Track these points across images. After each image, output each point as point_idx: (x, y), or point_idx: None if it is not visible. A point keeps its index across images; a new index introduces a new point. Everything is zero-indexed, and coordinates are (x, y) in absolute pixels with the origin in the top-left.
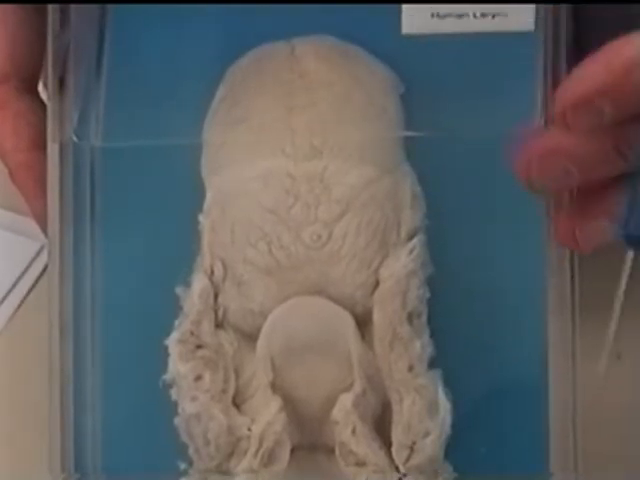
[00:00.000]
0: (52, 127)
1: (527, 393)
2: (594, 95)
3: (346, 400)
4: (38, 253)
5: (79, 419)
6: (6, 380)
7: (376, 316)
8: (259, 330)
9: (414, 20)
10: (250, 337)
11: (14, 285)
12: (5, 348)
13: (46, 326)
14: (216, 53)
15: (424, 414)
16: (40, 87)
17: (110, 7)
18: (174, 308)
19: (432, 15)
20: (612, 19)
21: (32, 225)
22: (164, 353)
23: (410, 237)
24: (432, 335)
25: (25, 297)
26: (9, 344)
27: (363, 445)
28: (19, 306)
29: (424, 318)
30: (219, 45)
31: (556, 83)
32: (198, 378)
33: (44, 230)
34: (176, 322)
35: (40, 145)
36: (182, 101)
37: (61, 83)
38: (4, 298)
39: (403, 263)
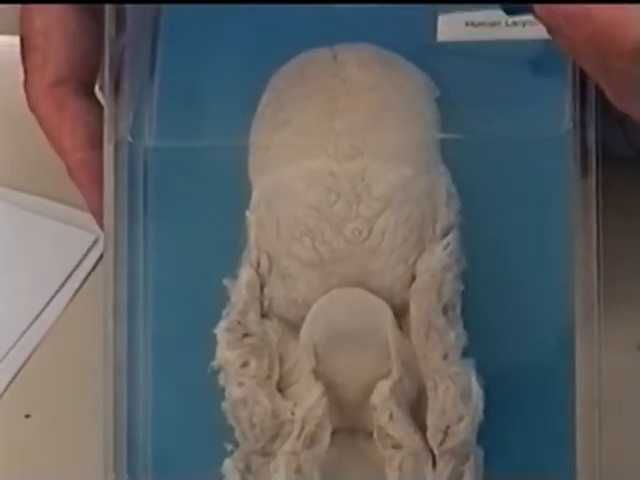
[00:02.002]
0: (108, 128)
1: (554, 381)
2: None
3: (384, 386)
4: (93, 245)
5: (132, 404)
6: (61, 369)
7: (413, 307)
8: (302, 320)
9: (449, 28)
10: (294, 326)
11: (70, 275)
12: (60, 336)
13: (100, 315)
14: (262, 58)
15: (458, 400)
16: (96, 89)
17: (163, 14)
18: (222, 299)
19: (466, 24)
20: None
21: (87, 218)
22: (212, 341)
23: (445, 233)
24: (465, 326)
25: (80, 287)
26: (64, 332)
27: (400, 429)
28: (74, 295)
29: (458, 310)
30: (264, 50)
31: (584, 87)
32: (244, 365)
33: (99, 223)
34: (224, 312)
35: (96, 144)
36: (229, 104)
37: (117, 86)
38: (60, 287)
39: (438, 258)
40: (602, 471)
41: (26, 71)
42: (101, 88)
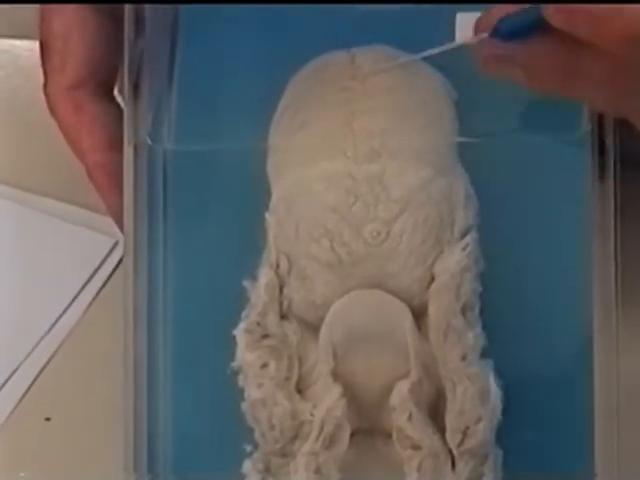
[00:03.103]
0: (127, 131)
1: (572, 382)
2: None
3: (403, 387)
4: (112, 248)
5: (151, 406)
6: (80, 372)
7: (431, 308)
8: (321, 321)
9: (467, 30)
10: (313, 327)
11: (90, 278)
12: (80, 338)
13: (120, 318)
14: (279, 61)
15: (476, 401)
16: (116, 92)
17: (181, 18)
18: (241, 300)
19: None
20: None
21: (107, 222)
22: (232, 342)
23: (463, 235)
24: (484, 327)
25: (100, 290)
26: (85, 335)
27: (418, 430)
28: (94, 298)
29: (477, 311)
30: (282, 53)
31: None
32: (264, 366)
33: (118, 225)
34: (243, 313)
35: (114, 146)
36: (248, 107)
37: (136, 89)
38: (80, 291)
39: (457, 259)
40: (621, 473)
41: (45, 74)
42: (120, 91)
